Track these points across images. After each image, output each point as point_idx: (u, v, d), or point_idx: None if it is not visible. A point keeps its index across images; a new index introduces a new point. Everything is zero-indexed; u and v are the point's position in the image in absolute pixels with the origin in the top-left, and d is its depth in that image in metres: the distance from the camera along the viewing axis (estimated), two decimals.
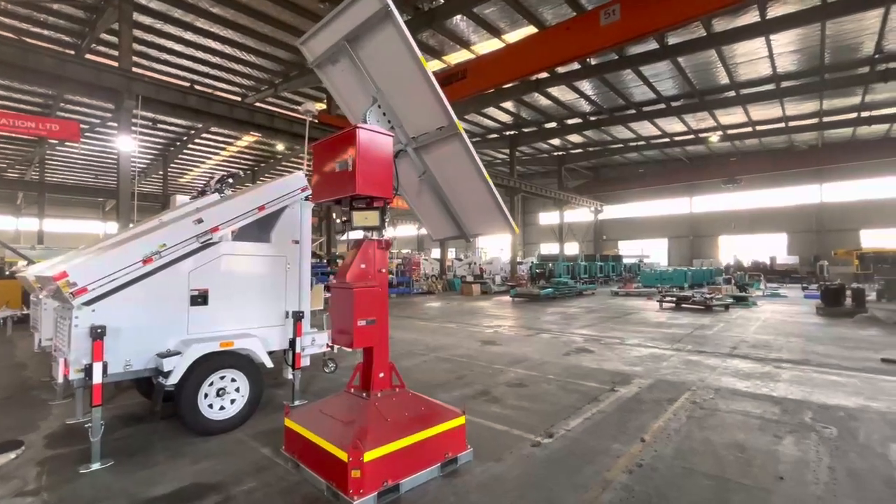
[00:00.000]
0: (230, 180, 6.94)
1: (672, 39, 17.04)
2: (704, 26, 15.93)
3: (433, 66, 20.10)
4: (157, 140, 26.93)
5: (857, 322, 11.41)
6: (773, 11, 15.22)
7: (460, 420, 3.59)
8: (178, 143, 28.10)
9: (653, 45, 17.32)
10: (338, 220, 4.68)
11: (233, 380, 4.41)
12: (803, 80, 20.50)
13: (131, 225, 12.24)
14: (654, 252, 36.40)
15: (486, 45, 17.89)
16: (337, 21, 3.62)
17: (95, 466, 3.57)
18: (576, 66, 18.72)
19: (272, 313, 4.92)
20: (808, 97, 22.28)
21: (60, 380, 3.71)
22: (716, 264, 29.63)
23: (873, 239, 27.37)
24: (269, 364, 4.63)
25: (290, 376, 5.07)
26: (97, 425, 3.60)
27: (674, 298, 15.41)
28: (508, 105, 24.50)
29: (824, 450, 3.79)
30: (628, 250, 37.14)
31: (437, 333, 10.12)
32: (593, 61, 18.77)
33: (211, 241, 4.42)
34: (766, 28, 15.64)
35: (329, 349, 5.64)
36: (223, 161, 31.63)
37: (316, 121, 19.03)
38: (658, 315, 13.19)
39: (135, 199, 12.67)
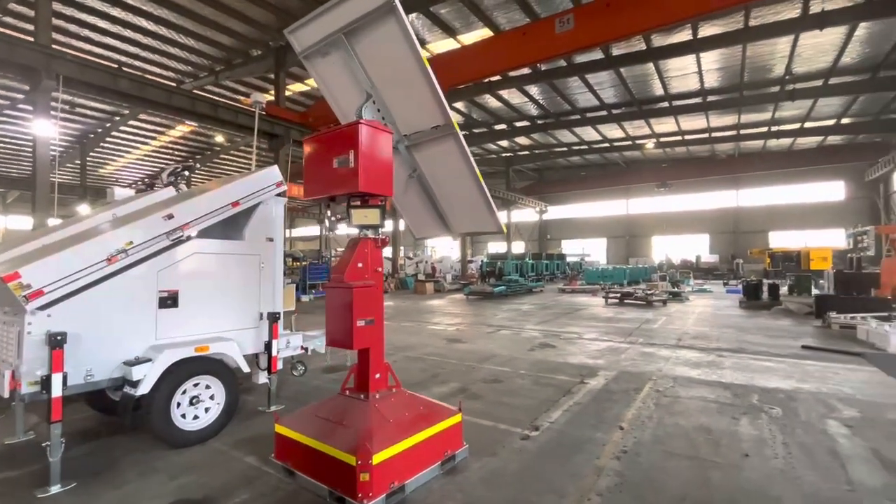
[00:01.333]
0: (185, 173, 6.47)
1: (616, 51, 18.09)
2: (645, 41, 17.07)
3: None
4: (75, 126, 24.29)
5: (773, 314, 12.81)
6: (704, 32, 16.62)
7: (458, 418, 3.62)
8: (101, 131, 25.53)
9: (598, 55, 18.28)
10: (332, 218, 4.49)
11: (207, 386, 4.13)
12: (725, 96, 22.58)
13: (52, 220, 10.98)
14: (594, 251, 38.48)
15: (441, 45, 17.98)
16: (333, 12, 3.50)
17: (55, 489, 3.20)
18: (526, 70, 19.31)
19: (246, 315, 4.65)
20: (729, 111, 24.56)
21: (6, 394, 3.28)
22: (649, 262, 31.87)
23: (780, 240, 30.78)
24: (245, 369, 4.39)
25: (264, 381, 4.82)
26: (56, 443, 3.22)
27: (618, 295, 16.41)
28: (460, 105, 24.77)
29: (775, 428, 4.26)
30: (571, 249, 38.95)
31: (400, 332, 10.05)
32: (543, 67, 19.45)
33: (182, 239, 4.10)
34: (697, 46, 17.05)
35: (303, 351, 5.45)
36: (152, 152, 29.17)
37: (263, 112, 18.10)
38: (606, 310, 13.98)
39: (55, 192, 11.39)
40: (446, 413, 3.58)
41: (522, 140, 30.57)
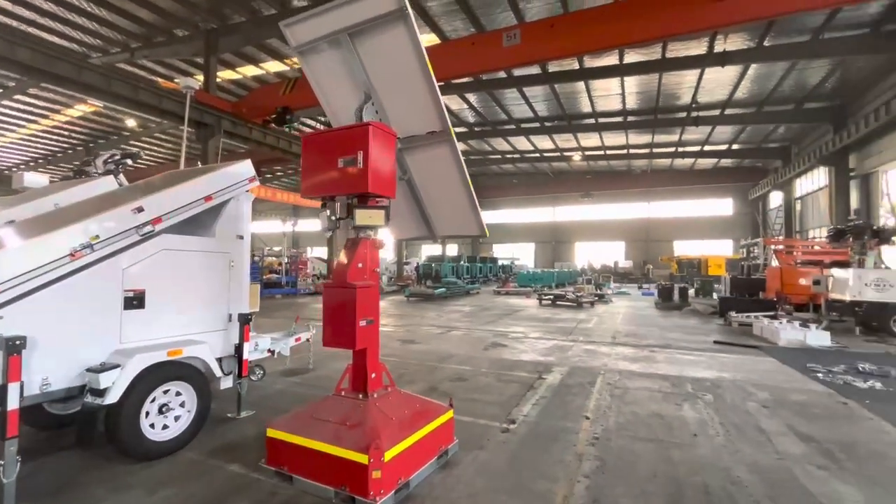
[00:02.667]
0: (128, 161, 5.91)
1: (552, 67, 19.29)
2: (578, 61, 18.40)
3: None
4: None
5: (684, 314, 14.46)
6: (628, 58, 18.33)
7: (450, 414, 3.75)
8: None
9: (536, 70, 19.34)
10: (332, 217, 4.28)
11: (177, 393, 3.84)
12: (642, 117, 24.99)
13: None
14: (524, 255, 40.36)
15: None
16: (338, 11, 3.48)
17: None
18: (468, 78, 19.88)
19: (215, 317, 4.39)
20: (645, 131, 27.22)
21: None
22: (573, 267, 34.16)
23: (683, 248, 34.61)
24: (218, 373, 4.15)
25: (228, 385, 4.55)
26: (12, 462, 2.85)
27: (551, 297, 17.45)
28: None
29: (711, 411, 4.93)
30: (501, 253, 40.49)
31: None
32: (484, 76, 20.14)
33: (152, 234, 3.79)
34: (623, 70, 18.74)
35: (269, 354, 5.25)
36: (41, 132, 25.56)
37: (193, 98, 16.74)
38: (542, 311, 14.83)
39: None
40: (440, 410, 3.70)
41: (459, 146, 31.27)
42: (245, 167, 4.73)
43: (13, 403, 2.84)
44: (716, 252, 29.28)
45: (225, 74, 20.63)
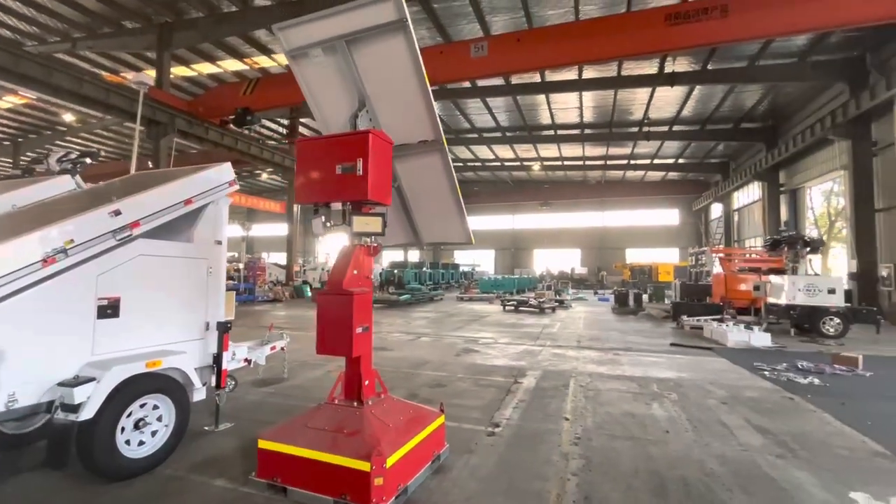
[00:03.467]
0: (87, 160, 5.55)
1: (515, 80, 19.87)
2: (540, 74, 19.08)
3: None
4: None
5: (639, 318, 15.25)
6: (586, 74, 19.21)
7: (442, 419, 3.80)
8: None
9: (500, 81, 19.84)
10: (326, 224, 4.14)
11: (154, 407, 3.64)
12: (598, 130, 26.22)
13: None
14: (484, 261, 40.94)
15: None
16: (336, 18, 3.48)
17: None
18: (434, 87, 20.10)
19: (193, 325, 4.20)
20: (600, 143, 28.53)
21: None
22: (532, 273, 35.04)
23: (634, 256, 36.42)
24: (198, 385, 3.98)
25: (201, 398, 4.35)
26: None
27: (514, 302, 17.84)
28: None
29: (678, 409, 5.26)
30: (462, 259, 40.84)
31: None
32: (449, 86, 20.43)
33: (129, 239, 3.60)
34: (582, 85, 19.62)
35: (246, 363, 5.07)
36: None
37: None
38: (507, 317, 15.14)
39: None
40: (433, 416, 3.74)
41: None
42: (225, 170, 4.58)
43: None
44: (664, 259, 31.04)
45: (178, 71, 19.67)
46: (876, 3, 10.94)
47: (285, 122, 25.03)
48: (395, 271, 27.86)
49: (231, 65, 20.04)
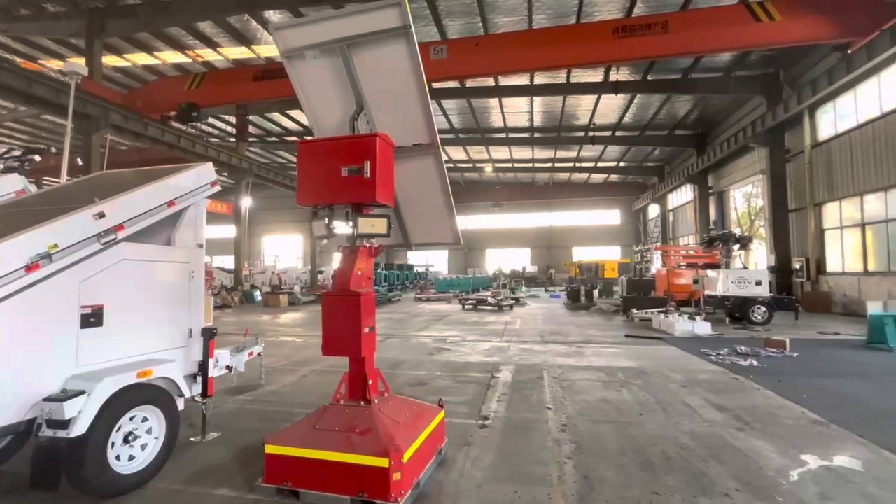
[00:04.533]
0: (36, 157, 5.13)
1: (470, 83, 20.27)
2: (494, 78, 19.61)
3: (239, 52, 18.16)
4: None
5: (591, 313, 16.11)
6: (538, 80, 20.01)
7: (442, 414, 3.91)
8: None
9: (455, 84, 20.18)
10: (331, 225, 3.98)
11: (144, 419, 3.46)
12: (547, 134, 27.33)
13: None
14: (437, 261, 41.20)
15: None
16: (338, 21, 3.49)
17: None
18: None
19: (177, 332, 4.02)
20: (548, 147, 29.74)
21: None
22: (485, 272, 35.78)
23: (580, 254, 38.22)
24: (188, 394, 3.82)
25: (181, 409, 4.17)
26: None
27: (473, 301, 18.20)
28: None
29: (646, 394, 5.72)
30: (416, 260, 40.80)
31: (283, 347, 9.39)
32: None
33: (113, 243, 3.40)
34: (533, 90, 20.40)
35: (227, 370, 4.90)
36: None
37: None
38: (468, 315, 15.43)
39: None
40: (434, 411, 3.84)
41: None
42: (206, 171, 4.42)
43: None
44: (608, 257, 32.89)
45: (107, 60, 18.18)
46: (784, 29, 12.37)
47: (231, 119, 23.88)
48: None
49: (171, 56, 18.82)
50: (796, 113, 16.02)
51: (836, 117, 15.61)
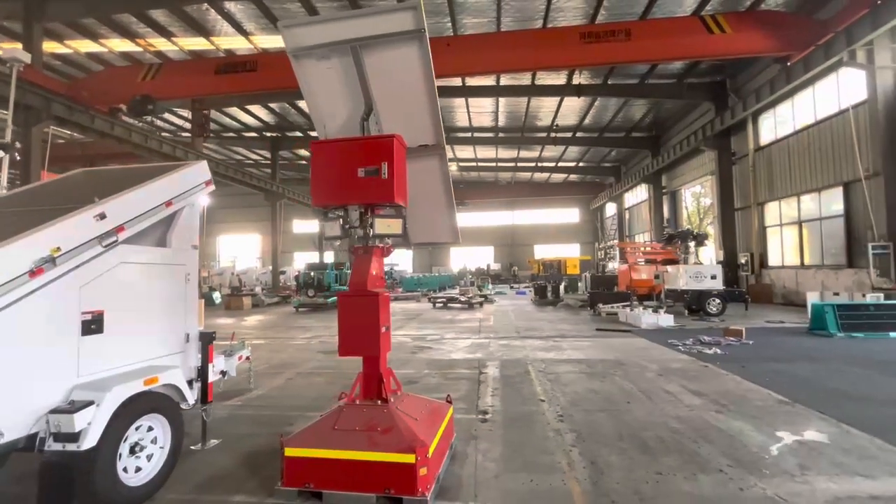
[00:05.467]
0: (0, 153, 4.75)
1: (437, 83, 20.34)
2: (462, 79, 19.81)
3: (197, 43, 17.30)
4: None
5: (558, 308, 16.68)
6: (503, 81, 20.42)
7: (452, 410, 4.00)
8: None
9: None
10: (346, 226, 3.82)
11: (149, 428, 3.32)
12: (511, 134, 27.91)
13: None
14: (402, 260, 41.02)
15: (270, 41, 16.86)
16: (350, 21, 3.49)
17: None
18: None
19: (175, 337, 3.87)
20: (511, 146, 30.37)
21: None
22: (449, 271, 36.04)
23: (541, 251, 39.32)
24: (191, 400, 3.69)
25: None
26: None
27: (443, 299, 18.34)
28: (275, 106, 23.32)
29: (629, 383, 6.06)
30: None
31: (259, 351, 9.08)
32: None
33: (114, 245, 3.23)
34: (499, 91, 20.80)
35: (221, 376, 4.74)
36: None
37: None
38: (440, 314, 15.55)
39: None
40: (445, 407, 3.93)
41: None
42: (202, 169, 4.26)
43: None
44: (568, 254, 34.02)
45: (50, 47, 16.81)
46: (733, 42, 13.34)
47: (184, 113, 22.68)
48: (313, 274, 26.79)
49: (119, 45, 17.66)
50: (741, 119, 17.29)
51: (776, 124, 17.01)
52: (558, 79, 20.11)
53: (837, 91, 13.76)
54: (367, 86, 3.75)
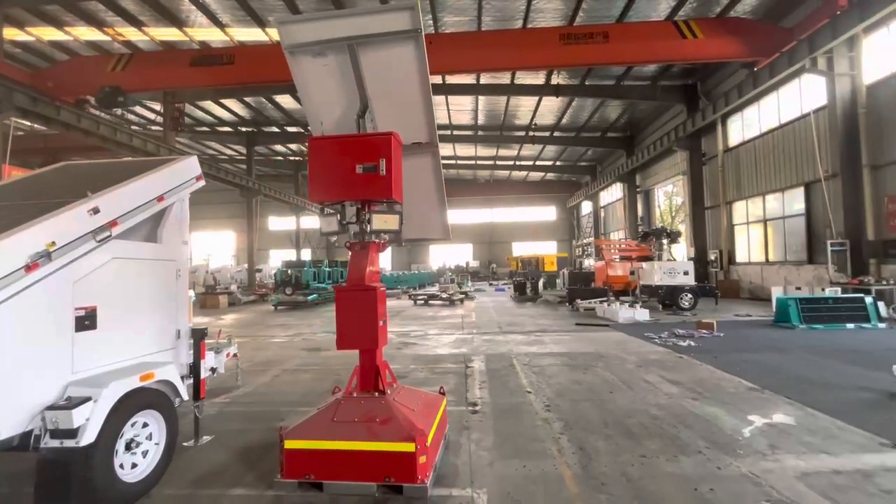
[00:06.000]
0: None
1: None
2: (441, 77, 19.86)
3: (169, 34, 16.79)
4: None
5: (538, 304, 17.01)
6: (483, 80, 20.59)
7: (445, 401, 4.11)
8: None
9: None
10: (343, 222, 3.78)
11: (144, 424, 3.30)
12: (490, 133, 28.15)
13: None
14: (381, 258, 40.81)
15: (247, 33, 16.52)
16: (346, 20, 3.53)
17: None
18: None
19: (166, 333, 3.84)
20: (490, 145, 30.62)
21: None
22: (428, 268, 36.09)
23: (519, 249, 39.81)
24: (185, 396, 3.68)
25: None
26: None
27: (424, 296, 18.41)
28: (250, 100, 22.86)
29: (611, 374, 6.30)
30: None
31: (241, 349, 8.94)
32: None
33: (108, 240, 3.19)
34: (479, 90, 20.96)
35: (211, 373, 4.71)
36: None
37: None
38: (422, 310, 15.62)
39: None
40: (439, 399, 4.03)
41: None
42: (192, 164, 4.22)
43: None
44: (545, 251, 34.57)
45: (10, 33, 16.00)
46: (705, 46, 13.87)
47: (154, 106, 21.94)
48: (290, 271, 26.38)
49: (85, 33, 16.96)
50: (711, 121, 17.98)
51: (743, 126, 17.76)
52: (537, 78, 20.42)
53: (800, 96, 14.50)
54: (362, 83, 3.80)
